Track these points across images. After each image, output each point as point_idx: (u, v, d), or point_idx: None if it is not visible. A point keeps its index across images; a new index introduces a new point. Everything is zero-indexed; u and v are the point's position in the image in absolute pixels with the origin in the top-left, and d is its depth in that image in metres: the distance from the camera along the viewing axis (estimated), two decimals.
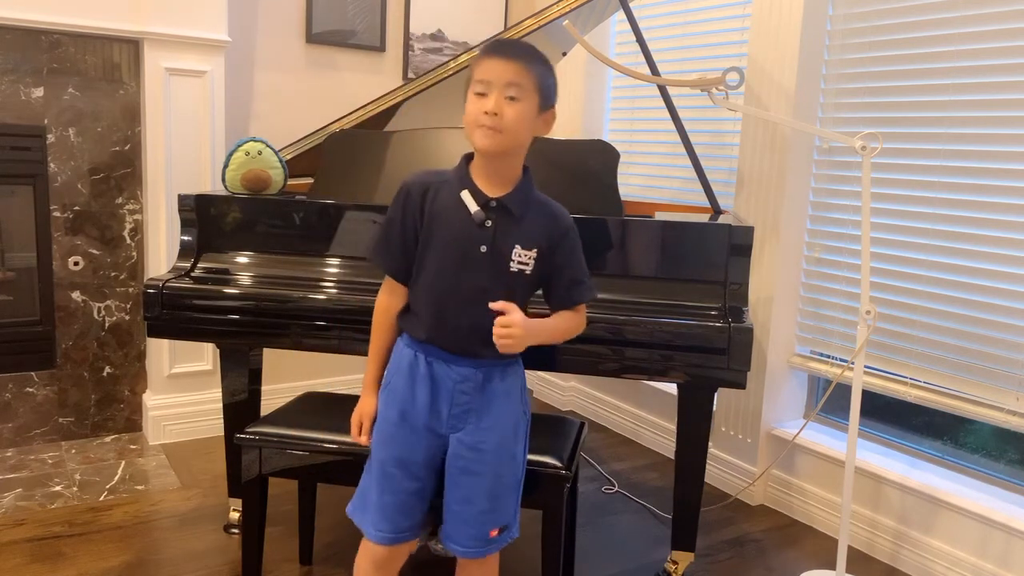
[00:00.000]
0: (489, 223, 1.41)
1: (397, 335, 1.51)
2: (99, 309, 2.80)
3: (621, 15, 2.61)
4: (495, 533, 1.47)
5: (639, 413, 3.12)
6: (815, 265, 2.52)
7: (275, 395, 2.46)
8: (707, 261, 1.90)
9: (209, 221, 2.08)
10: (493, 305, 1.38)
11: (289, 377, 3.10)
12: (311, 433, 1.79)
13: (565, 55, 2.78)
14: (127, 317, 2.85)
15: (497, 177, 1.43)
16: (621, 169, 2.05)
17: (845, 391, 2.11)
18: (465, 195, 1.41)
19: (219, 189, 2.25)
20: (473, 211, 1.41)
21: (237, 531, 2.22)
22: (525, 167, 1.47)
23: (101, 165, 2.73)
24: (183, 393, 2.88)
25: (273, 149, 2.14)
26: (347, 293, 1.95)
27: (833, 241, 2.46)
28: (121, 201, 2.79)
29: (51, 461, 2.64)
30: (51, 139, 2.64)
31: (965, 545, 2.09)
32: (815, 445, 2.46)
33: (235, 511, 2.24)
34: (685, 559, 2.05)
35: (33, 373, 2.72)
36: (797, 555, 2.29)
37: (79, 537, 2.18)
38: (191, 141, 2.75)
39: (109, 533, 2.21)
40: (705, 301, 1.88)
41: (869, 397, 2.33)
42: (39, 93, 2.60)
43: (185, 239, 2.09)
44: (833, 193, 2.46)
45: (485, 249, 1.41)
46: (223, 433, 2.17)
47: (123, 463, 2.67)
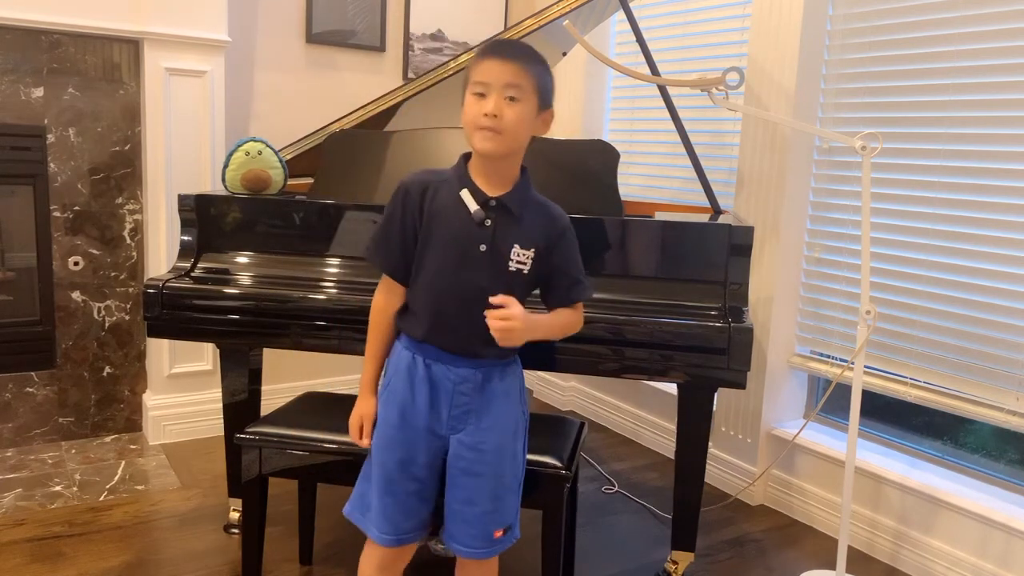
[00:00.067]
0: (488, 222, 1.41)
1: (395, 335, 1.51)
2: (99, 309, 2.80)
3: (621, 15, 2.61)
4: (499, 534, 1.47)
5: (639, 413, 3.12)
6: (815, 265, 2.52)
7: (275, 395, 2.46)
8: (707, 261, 1.90)
9: (209, 221, 2.08)
10: (493, 299, 1.38)
11: (289, 377, 3.10)
12: (311, 433, 1.79)
13: (565, 55, 2.78)
14: (127, 317, 2.85)
15: (496, 177, 1.43)
16: (621, 169, 2.05)
17: (845, 391, 2.11)
18: (464, 194, 1.41)
19: (219, 189, 2.25)
20: (473, 210, 1.41)
21: (237, 531, 2.22)
22: (523, 167, 1.47)
23: (101, 165, 2.73)
24: (183, 393, 2.88)
25: (273, 149, 2.14)
26: (347, 293, 1.95)
27: (833, 241, 2.46)
28: (121, 201, 2.79)
29: (51, 461, 2.64)
30: (51, 139, 2.64)
31: (965, 545, 2.09)
32: (815, 445, 2.46)
33: (235, 511, 2.24)
34: (685, 559, 2.05)
35: (33, 373, 2.72)
36: (797, 555, 2.29)
37: (79, 537, 2.18)
38: (191, 141, 2.76)
39: (109, 533, 2.21)
40: (705, 301, 1.88)
41: (869, 397, 2.33)
42: (39, 93, 2.61)
43: (185, 239, 2.09)
44: (833, 193, 2.46)
45: (484, 248, 1.41)
46: (223, 433, 2.17)
47: (123, 463, 2.67)
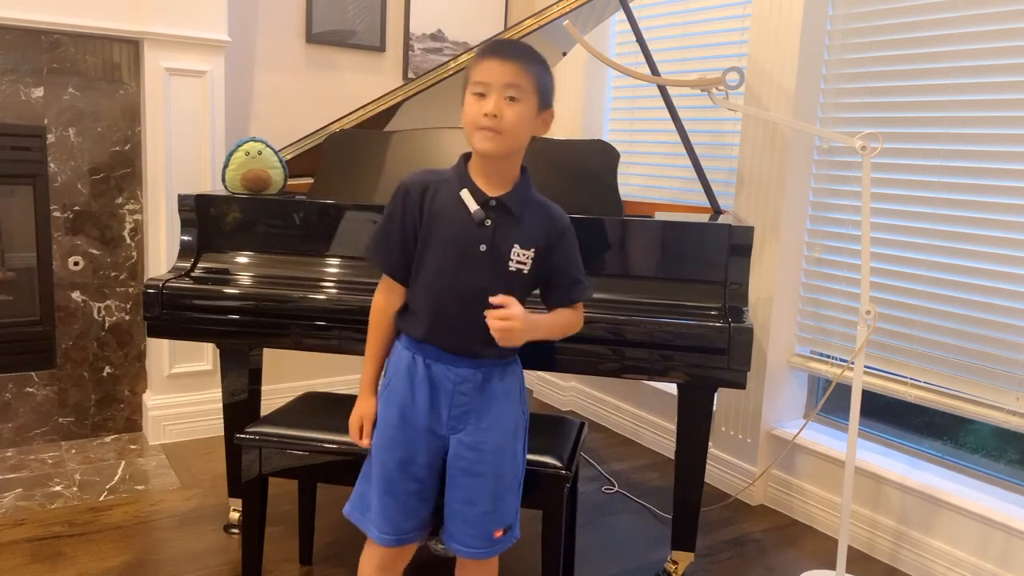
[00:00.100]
0: (489, 222, 1.41)
1: (394, 335, 1.51)
2: (99, 309, 2.80)
3: (621, 15, 2.61)
4: (499, 534, 1.47)
5: (639, 413, 3.12)
6: (815, 265, 2.52)
7: (275, 395, 2.46)
8: (707, 261, 1.90)
9: (209, 221, 2.08)
10: (493, 299, 1.37)
11: (289, 377, 3.10)
12: (311, 433, 1.79)
13: (565, 55, 2.78)
14: (127, 317, 2.85)
15: (496, 177, 1.43)
16: (621, 169, 2.05)
17: (845, 391, 2.11)
18: (465, 194, 1.41)
19: (219, 189, 2.25)
20: (473, 210, 1.41)
21: (237, 531, 2.22)
22: (523, 167, 1.47)
23: (101, 165, 2.73)
24: (183, 393, 2.88)
25: (273, 149, 2.14)
26: (347, 293, 1.95)
27: (833, 241, 2.46)
28: (121, 201, 2.79)
29: (51, 461, 2.64)
30: (51, 139, 2.64)
31: (965, 545, 2.09)
32: (815, 445, 2.46)
33: (235, 511, 2.24)
34: (685, 559, 2.05)
35: (33, 373, 2.72)
36: (797, 555, 2.29)
37: (79, 537, 2.18)
38: (191, 141, 2.76)
39: (109, 533, 2.21)
40: (705, 301, 1.88)
41: (869, 397, 2.33)
42: (39, 93, 2.61)
43: (185, 239, 2.09)
44: (833, 193, 2.46)
45: (485, 248, 1.41)
46: (223, 433, 2.17)
47: (123, 463, 2.67)
